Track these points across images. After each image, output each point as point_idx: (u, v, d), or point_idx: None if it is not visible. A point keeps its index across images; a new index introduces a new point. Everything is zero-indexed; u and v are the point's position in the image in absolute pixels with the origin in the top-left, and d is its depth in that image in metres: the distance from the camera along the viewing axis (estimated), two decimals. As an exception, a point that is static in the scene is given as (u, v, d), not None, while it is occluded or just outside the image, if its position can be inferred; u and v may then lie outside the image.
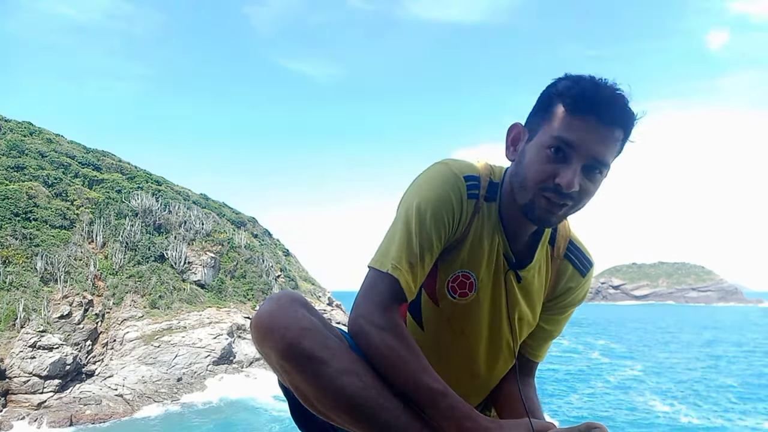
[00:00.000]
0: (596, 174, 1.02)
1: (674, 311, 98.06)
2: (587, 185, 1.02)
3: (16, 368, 18.93)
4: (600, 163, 1.00)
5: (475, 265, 1.14)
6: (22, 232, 23.75)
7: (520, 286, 1.17)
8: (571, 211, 1.05)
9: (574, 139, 0.99)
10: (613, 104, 0.99)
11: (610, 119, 0.99)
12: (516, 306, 1.18)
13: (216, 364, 22.79)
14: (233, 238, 32.16)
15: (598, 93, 0.99)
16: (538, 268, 1.19)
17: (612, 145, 1.01)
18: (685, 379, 28.63)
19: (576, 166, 1.00)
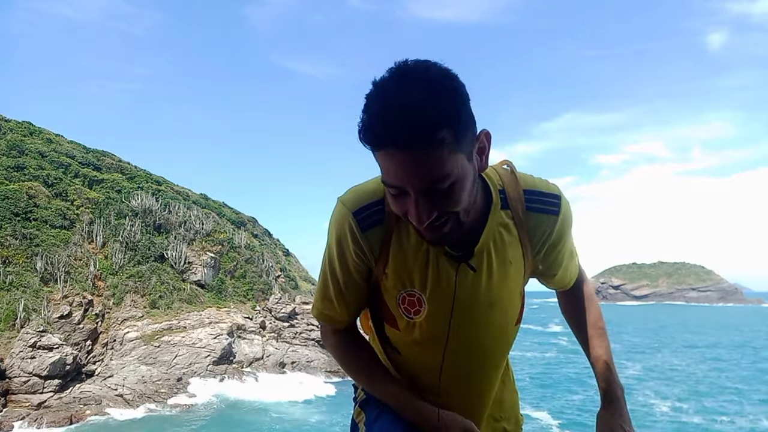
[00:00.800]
0: (444, 188, 0.92)
1: (674, 311, 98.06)
2: (445, 202, 0.95)
3: (16, 368, 18.94)
4: (433, 183, 0.91)
5: (413, 281, 1.12)
6: (22, 232, 23.75)
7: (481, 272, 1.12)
8: (460, 217, 1.00)
9: (392, 179, 0.93)
10: (395, 128, 0.87)
11: (406, 143, 0.87)
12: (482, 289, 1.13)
13: (216, 364, 22.79)
14: (233, 238, 32.16)
15: (378, 124, 0.89)
16: (498, 239, 1.12)
17: (431, 160, 0.88)
18: (685, 379, 28.64)
19: (415, 201, 0.94)
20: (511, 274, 1.16)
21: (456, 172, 0.92)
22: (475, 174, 1.00)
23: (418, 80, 0.88)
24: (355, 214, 1.10)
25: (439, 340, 1.16)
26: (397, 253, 1.11)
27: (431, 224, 0.97)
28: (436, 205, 0.94)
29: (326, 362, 26.93)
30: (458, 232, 1.02)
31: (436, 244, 1.07)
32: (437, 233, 0.99)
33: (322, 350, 28.26)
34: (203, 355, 22.75)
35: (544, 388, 25.54)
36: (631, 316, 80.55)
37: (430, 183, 0.91)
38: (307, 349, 27.46)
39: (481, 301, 1.13)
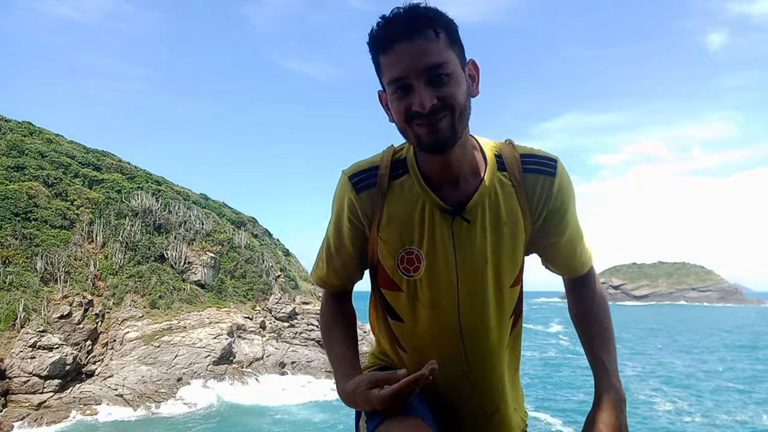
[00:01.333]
0: (443, 78, 1.04)
1: (674, 311, 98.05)
2: (445, 90, 1.04)
3: (16, 368, 18.93)
4: (433, 69, 1.03)
5: (411, 238, 1.17)
6: (22, 232, 23.75)
7: (475, 225, 1.16)
8: (455, 118, 1.06)
9: (398, 72, 1.04)
10: (401, 21, 1.03)
11: (406, 33, 1.03)
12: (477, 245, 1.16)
13: (216, 364, 22.79)
14: (233, 238, 32.15)
15: (386, 23, 1.05)
16: (493, 198, 1.16)
17: (429, 47, 1.03)
18: (686, 378, 28.64)
19: (418, 88, 1.03)
20: (506, 234, 1.17)
21: (452, 66, 1.05)
22: (468, 88, 1.10)
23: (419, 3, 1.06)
24: (351, 177, 1.21)
25: (447, 293, 1.18)
26: (392, 212, 1.18)
27: (431, 116, 1.04)
28: (437, 92, 1.04)
29: (326, 362, 26.92)
30: (453, 139, 1.08)
31: (434, 150, 1.10)
32: (435, 128, 1.05)
33: (322, 350, 28.24)
34: (203, 355, 22.75)
35: (545, 388, 25.54)
36: (631, 317, 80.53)
37: (431, 68, 1.03)
38: (307, 349, 27.45)
39: (477, 255, 1.16)
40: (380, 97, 1.17)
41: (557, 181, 1.18)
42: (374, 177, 1.19)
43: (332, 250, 1.29)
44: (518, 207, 1.17)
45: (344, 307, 1.38)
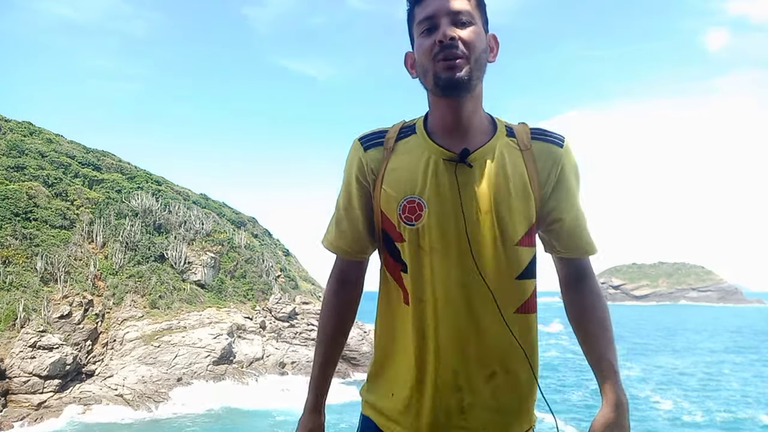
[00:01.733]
0: (466, 24, 1.15)
1: (674, 311, 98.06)
2: (465, 34, 1.15)
3: (16, 368, 18.93)
4: (459, 13, 1.15)
5: (413, 188, 1.20)
6: (22, 232, 23.74)
7: (479, 172, 1.18)
8: (473, 63, 1.15)
9: (428, 12, 1.17)
10: None
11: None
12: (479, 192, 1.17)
13: (216, 364, 22.79)
14: (233, 238, 32.14)
15: None
16: (499, 155, 1.19)
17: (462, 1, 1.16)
18: (686, 378, 28.65)
19: (443, 24, 1.15)
20: (512, 189, 1.18)
21: (475, 21, 1.17)
22: (487, 48, 1.20)
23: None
24: (360, 138, 1.31)
25: (457, 243, 1.17)
26: (396, 165, 1.23)
27: (451, 50, 1.13)
28: (459, 31, 1.15)
29: (326, 362, 26.92)
30: (467, 83, 1.14)
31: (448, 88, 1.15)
32: (453, 64, 1.13)
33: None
34: (203, 355, 22.75)
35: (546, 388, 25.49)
36: (632, 317, 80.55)
37: (457, 12, 1.15)
38: (307, 349, 27.44)
39: (479, 203, 1.17)
40: (406, 59, 1.27)
41: (565, 153, 1.22)
42: (382, 137, 1.28)
43: (341, 212, 1.33)
44: (525, 169, 1.20)
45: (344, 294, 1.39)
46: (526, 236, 1.19)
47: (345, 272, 1.38)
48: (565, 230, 1.24)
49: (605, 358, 1.18)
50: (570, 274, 1.30)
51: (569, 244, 1.26)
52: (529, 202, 1.19)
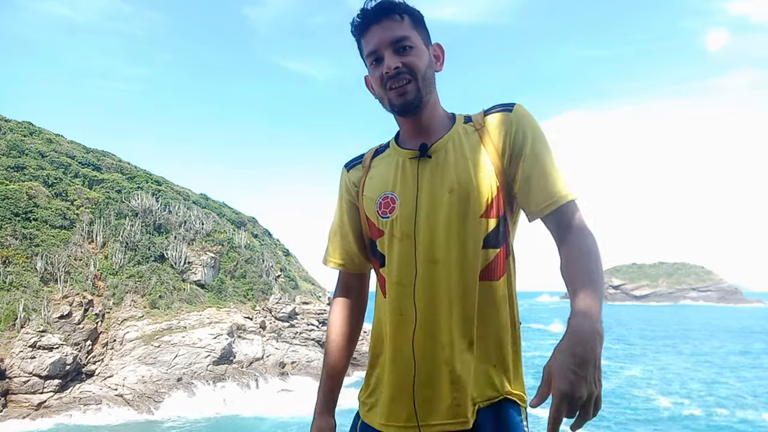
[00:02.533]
0: (406, 49, 1.26)
1: (674, 311, 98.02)
2: (409, 58, 1.26)
3: (16, 368, 18.93)
4: (397, 40, 1.26)
5: (386, 186, 1.35)
6: (22, 232, 23.74)
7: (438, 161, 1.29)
8: (420, 82, 1.27)
9: (372, 46, 1.29)
10: (373, 9, 1.28)
11: (377, 17, 1.27)
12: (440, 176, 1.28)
13: (216, 364, 22.78)
14: (233, 238, 32.14)
15: (362, 12, 1.29)
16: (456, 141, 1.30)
17: (395, 26, 1.27)
18: (685, 376, 28.65)
19: (386, 55, 1.27)
20: (470, 166, 1.27)
21: (414, 41, 1.28)
22: (431, 62, 1.31)
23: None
24: (345, 164, 1.51)
25: (410, 225, 1.29)
26: (373, 174, 1.40)
27: (398, 78, 1.26)
28: (401, 58, 1.26)
29: (326, 362, 26.90)
30: (418, 101, 1.28)
31: (404, 111, 1.30)
32: (403, 91, 1.27)
33: (322, 350, 28.16)
34: (203, 355, 22.74)
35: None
36: (632, 317, 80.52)
37: (396, 40, 1.26)
38: (307, 349, 27.45)
39: (441, 187, 1.27)
40: (366, 82, 1.39)
41: (514, 114, 1.29)
42: (360, 159, 1.47)
43: (335, 228, 1.49)
44: (480, 145, 1.29)
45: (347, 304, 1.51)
46: (489, 208, 1.26)
47: (346, 283, 1.52)
48: (531, 188, 1.24)
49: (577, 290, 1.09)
50: (553, 234, 1.24)
51: (536, 199, 1.23)
52: (490, 175, 1.26)
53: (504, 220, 1.28)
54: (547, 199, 1.22)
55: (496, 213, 1.26)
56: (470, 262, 1.24)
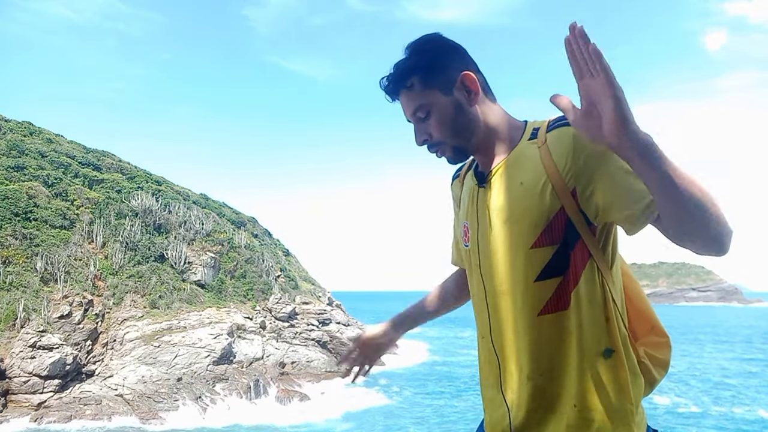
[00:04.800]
0: (426, 118, 1.27)
1: (674, 311, 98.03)
2: (429, 125, 1.28)
3: (16, 368, 18.93)
4: (414, 114, 1.29)
5: (466, 214, 1.37)
6: (22, 232, 23.73)
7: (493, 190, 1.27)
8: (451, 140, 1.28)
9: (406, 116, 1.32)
10: (386, 89, 1.30)
11: (392, 96, 1.31)
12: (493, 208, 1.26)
13: (216, 364, 22.78)
14: (233, 238, 32.14)
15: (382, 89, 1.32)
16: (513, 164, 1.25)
17: (407, 100, 1.28)
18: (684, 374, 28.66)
19: (414, 130, 1.31)
20: (525, 194, 1.19)
21: (430, 103, 1.26)
22: (459, 107, 1.27)
23: (406, 48, 1.28)
24: (453, 174, 1.54)
25: (476, 257, 1.32)
26: (463, 194, 1.42)
27: (430, 149, 1.31)
28: (424, 131, 1.29)
29: (326, 362, 26.91)
30: (461, 156, 1.32)
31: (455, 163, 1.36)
32: (441, 156, 1.32)
33: (323, 350, 28.23)
34: (203, 355, 22.74)
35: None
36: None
37: (412, 114, 1.29)
38: (307, 349, 27.44)
39: (496, 217, 1.25)
40: None
41: (573, 129, 1.13)
42: (459, 171, 1.50)
43: (453, 231, 1.57)
44: (541, 165, 1.18)
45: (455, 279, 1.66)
46: (543, 235, 1.17)
47: (462, 274, 1.60)
48: (613, 200, 1.11)
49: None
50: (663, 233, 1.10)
51: (622, 205, 1.10)
52: (545, 198, 1.16)
53: (567, 245, 1.17)
54: (636, 201, 1.08)
55: (554, 240, 1.17)
56: (523, 294, 1.19)
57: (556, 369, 1.18)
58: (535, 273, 1.18)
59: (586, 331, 1.16)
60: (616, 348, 1.17)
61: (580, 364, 1.16)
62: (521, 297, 1.19)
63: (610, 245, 1.21)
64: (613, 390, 1.15)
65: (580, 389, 1.15)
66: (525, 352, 1.20)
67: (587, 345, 1.16)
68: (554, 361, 1.18)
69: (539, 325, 1.18)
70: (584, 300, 1.17)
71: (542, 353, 1.18)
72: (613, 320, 1.18)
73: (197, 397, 20.59)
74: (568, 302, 1.17)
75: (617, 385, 1.16)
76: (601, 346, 1.16)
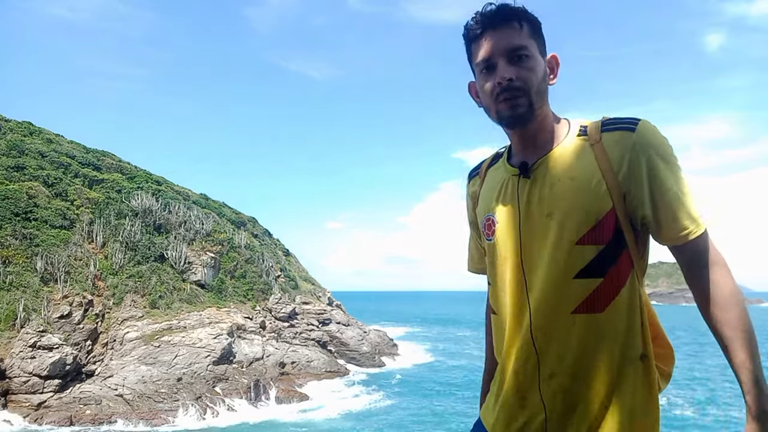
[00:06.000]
0: (523, 58, 1.21)
1: (674, 312, 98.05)
2: (523, 68, 1.21)
3: (16, 368, 18.92)
4: (514, 49, 1.20)
5: (490, 207, 1.34)
6: (22, 232, 23.73)
7: (538, 181, 1.23)
8: (534, 96, 1.21)
9: (485, 54, 1.23)
10: (491, 14, 1.22)
11: (494, 23, 1.22)
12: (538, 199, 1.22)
13: (216, 364, 22.78)
14: (233, 238, 32.14)
15: (478, 18, 1.24)
16: (564, 157, 1.22)
17: (513, 34, 1.21)
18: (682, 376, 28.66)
19: (500, 65, 1.21)
20: (574, 188, 1.19)
21: (532, 51, 1.22)
22: (546, 75, 1.25)
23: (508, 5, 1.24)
24: (469, 172, 1.52)
25: (514, 250, 1.25)
26: (484, 192, 1.39)
27: (511, 91, 1.20)
28: (515, 69, 1.20)
29: (326, 362, 26.91)
30: (528, 115, 1.22)
31: (512, 124, 1.25)
32: (514, 104, 1.21)
33: (323, 350, 28.24)
34: (203, 355, 22.74)
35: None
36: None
37: (512, 49, 1.21)
38: (307, 349, 27.44)
39: (539, 210, 1.22)
40: (470, 88, 1.35)
41: (637, 134, 1.16)
42: (479, 168, 1.47)
43: (469, 236, 1.55)
44: (595, 163, 1.19)
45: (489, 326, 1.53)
46: (589, 233, 1.16)
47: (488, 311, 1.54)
48: (658, 219, 1.15)
49: (741, 363, 1.10)
50: (680, 263, 1.20)
51: (664, 230, 1.16)
52: (597, 196, 1.16)
53: (613, 246, 1.17)
54: (676, 231, 1.14)
55: (599, 239, 1.16)
56: (560, 292, 1.18)
57: (584, 370, 1.17)
58: (576, 269, 1.17)
59: (625, 336, 1.18)
60: (647, 353, 1.20)
61: (617, 367, 1.17)
62: (558, 292, 1.18)
63: (647, 253, 1.24)
64: (646, 391, 1.18)
65: (614, 391, 1.16)
66: (557, 350, 1.19)
67: (625, 349, 1.18)
68: (583, 361, 1.17)
69: (571, 324, 1.17)
70: (624, 305, 1.18)
71: (572, 353, 1.18)
72: (647, 326, 1.21)
73: (197, 397, 20.59)
74: (604, 305, 1.17)
75: (649, 387, 1.19)
76: (637, 351, 1.19)
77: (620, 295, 1.17)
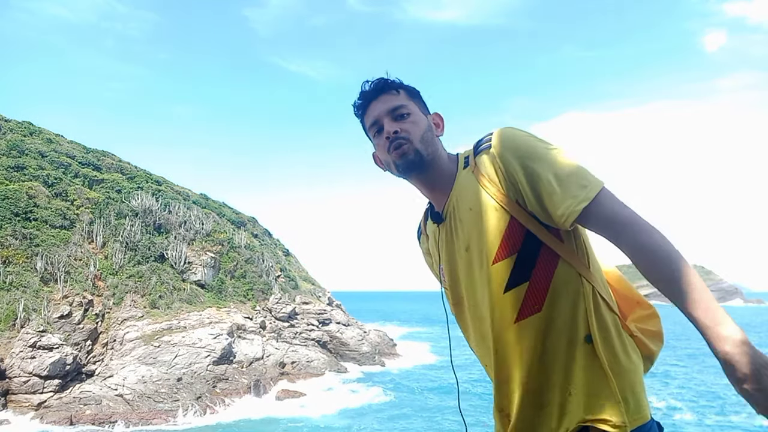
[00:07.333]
0: (405, 115, 1.36)
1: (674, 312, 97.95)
2: (406, 122, 1.36)
3: (16, 368, 18.93)
4: (395, 108, 1.37)
5: (437, 259, 1.45)
6: (22, 232, 23.74)
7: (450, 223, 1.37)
8: (418, 143, 1.34)
9: (372, 118, 1.39)
10: (371, 88, 1.40)
11: (375, 94, 1.39)
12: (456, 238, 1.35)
13: (216, 364, 22.78)
14: (233, 238, 32.15)
15: (361, 94, 1.42)
16: (460, 194, 1.34)
17: (392, 98, 1.38)
18: (681, 378, 28.66)
19: (386, 122, 1.36)
20: (475, 218, 1.30)
21: (411, 109, 1.38)
22: (430, 127, 1.40)
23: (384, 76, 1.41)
24: (417, 234, 1.63)
25: (461, 291, 1.38)
26: (430, 244, 1.49)
27: (397, 141, 1.34)
28: (398, 124, 1.35)
29: (326, 362, 26.91)
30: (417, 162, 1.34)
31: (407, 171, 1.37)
32: (402, 152, 1.34)
33: (323, 350, 28.25)
34: (203, 355, 22.74)
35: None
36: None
37: (393, 109, 1.36)
38: (307, 349, 27.45)
39: (459, 247, 1.34)
40: (374, 158, 1.49)
41: (494, 149, 1.28)
42: (420, 227, 1.59)
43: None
44: (480, 189, 1.30)
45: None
46: (500, 250, 1.25)
47: None
48: (548, 206, 1.21)
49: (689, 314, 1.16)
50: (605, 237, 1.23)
51: (557, 211, 1.20)
52: (494, 216, 1.26)
53: (526, 250, 1.24)
54: (563, 212, 1.19)
55: (511, 251, 1.24)
56: (500, 309, 1.25)
57: (543, 366, 1.23)
58: (503, 285, 1.25)
59: (570, 323, 1.22)
60: (593, 332, 1.22)
61: (565, 354, 1.22)
62: (498, 311, 1.26)
63: (582, 245, 1.29)
64: (599, 370, 1.21)
65: (572, 377, 1.21)
66: (516, 360, 1.25)
67: (570, 335, 1.22)
68: (541, 360, 1.23)
69: (519, 332, 1.24)
70: (561, 296, 1.23)
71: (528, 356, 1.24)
72: (591, 308, 1.23)
73: (197, 397, 20.60)
74: (541, 303, 1.23)
75: (600, 365, 1.21)
76: (581, 334, 1.22)
77: (552, 288, 1.23)
